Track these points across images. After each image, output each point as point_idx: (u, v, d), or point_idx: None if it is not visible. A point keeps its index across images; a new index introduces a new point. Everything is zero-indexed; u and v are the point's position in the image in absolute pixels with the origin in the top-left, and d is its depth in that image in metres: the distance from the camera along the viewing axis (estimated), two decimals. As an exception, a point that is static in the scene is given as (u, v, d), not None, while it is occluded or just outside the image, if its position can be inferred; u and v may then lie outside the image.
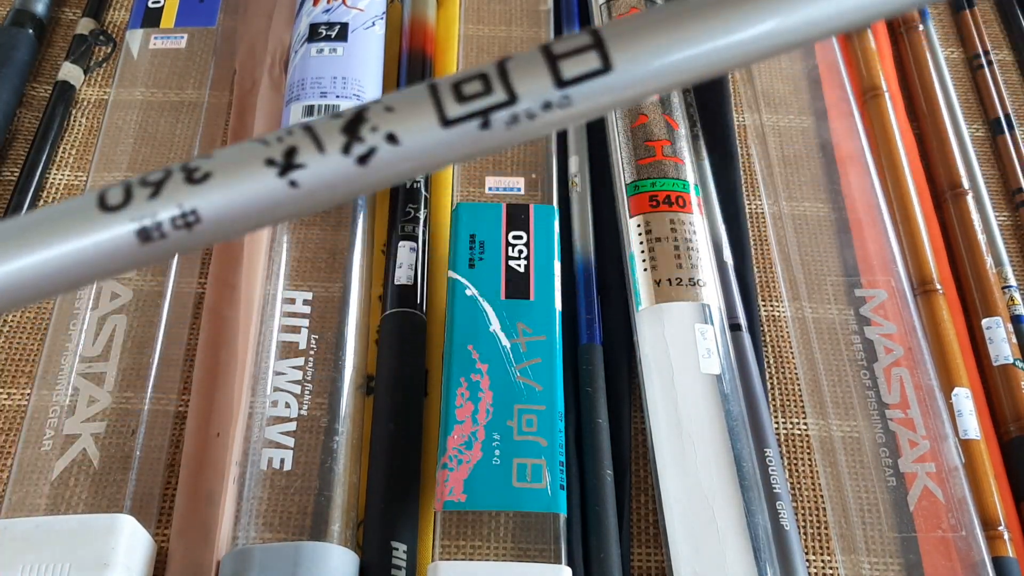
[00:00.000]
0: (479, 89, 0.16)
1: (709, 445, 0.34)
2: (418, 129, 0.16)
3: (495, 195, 0.44)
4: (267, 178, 0.16)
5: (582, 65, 0.16)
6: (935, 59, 0.50)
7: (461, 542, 0.35)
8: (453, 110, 0.16)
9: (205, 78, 0.48)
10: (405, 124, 0.16)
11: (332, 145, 0.16)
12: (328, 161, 0.16)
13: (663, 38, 0.16)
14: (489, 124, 0.16)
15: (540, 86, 0.16)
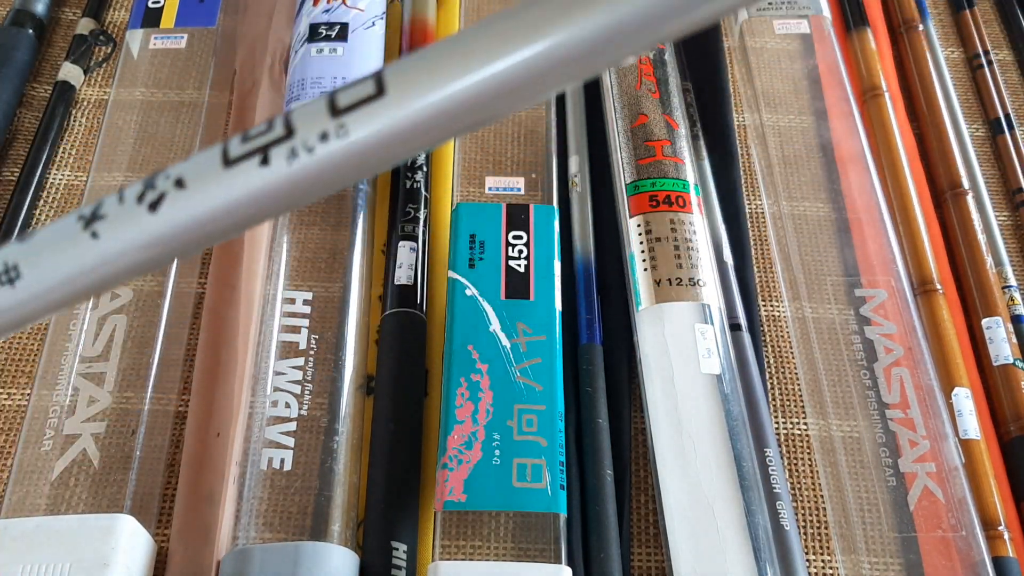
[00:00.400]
0: (261, 130, 0.16)
1: (709, 445, 0.34)
2: (202, 170, 0.16)
3: (495, 195, 0.44)
4: (75, 231, 0.16)
5: (357, 93, 0.16)
6: (935, 59, 0.50)
7: (461, 542, 0.35)
8: (235, 150, 0.16)
9: (205, 78, 0.48)
10: (191, 168, 0.16)
11: (130, 194, 0.16)
12: (123, 211, 0.16)
13: (435, 62, 0.16)
14: (268, 160, 0.16)
15: (316, 117, 0.16)
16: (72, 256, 0.16)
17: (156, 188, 0.16)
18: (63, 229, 0.16)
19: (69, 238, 0.16)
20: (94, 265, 0.16)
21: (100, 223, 0.16)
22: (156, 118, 0.47)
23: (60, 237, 0.16)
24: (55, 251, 0.16)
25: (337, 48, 0.45)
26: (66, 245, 0.16)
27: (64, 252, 0.16)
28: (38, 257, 0.17)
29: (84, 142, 0.47)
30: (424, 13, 0.49)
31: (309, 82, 0.44)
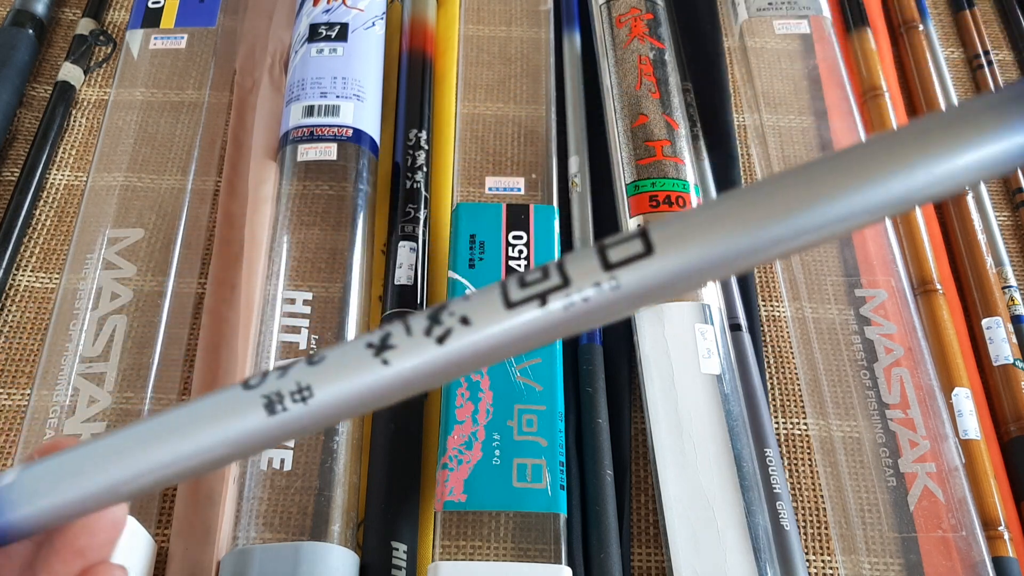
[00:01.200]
0: (538, 277, 0.19)
1: (709, 445, 0.34)
2: (486, 311, 0.19)
3: (495, 195, 0.44)
4: (366, 357, 0.19)
5: (627, 251, 0.18)
6: (935, 59, 0.50)
7: (461, 542, 0.35)
8: (515, 294, 0.19)
9: (205, 78, 0.48)
10: (475, 308, 0.19)
11: (417, 328, 0.19)
12: (413, 342, 0.19)
13: (697, 227, 0.18)
14: (546, 303, 0.18)
15: (590, 270, 0.18)
16: (363, 380, 0.19)
17: (442, 324, 0.19)
18: (354, 355, 0.19)
19: (361, 364, 0.19)
20: (382, 387, 0.19)
21: (390, 352, 0.19)
22: (156, 118, 0.47)
23: (352, 362, 0.19)
24: (348, 375, 0.19)
25: (337, 48, 0.45)
26: (358, 370, 0.19)
27: (356, 377, 0.19)
28: (331, 379, 0.19)
29: (84, 142, 0.47)
30: (424, 13, 0.49)
31: (309, 82, 0.44)
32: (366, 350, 0.19)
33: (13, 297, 0.42)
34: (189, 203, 0.44)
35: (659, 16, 0.47)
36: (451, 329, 0.19)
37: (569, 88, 0.47)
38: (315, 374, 0.19)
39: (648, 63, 0.44)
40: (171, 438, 0.19)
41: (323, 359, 0.19)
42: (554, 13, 0.51)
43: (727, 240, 0.18)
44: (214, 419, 0.19)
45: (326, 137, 0.43)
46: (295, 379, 0.19)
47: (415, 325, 0.19)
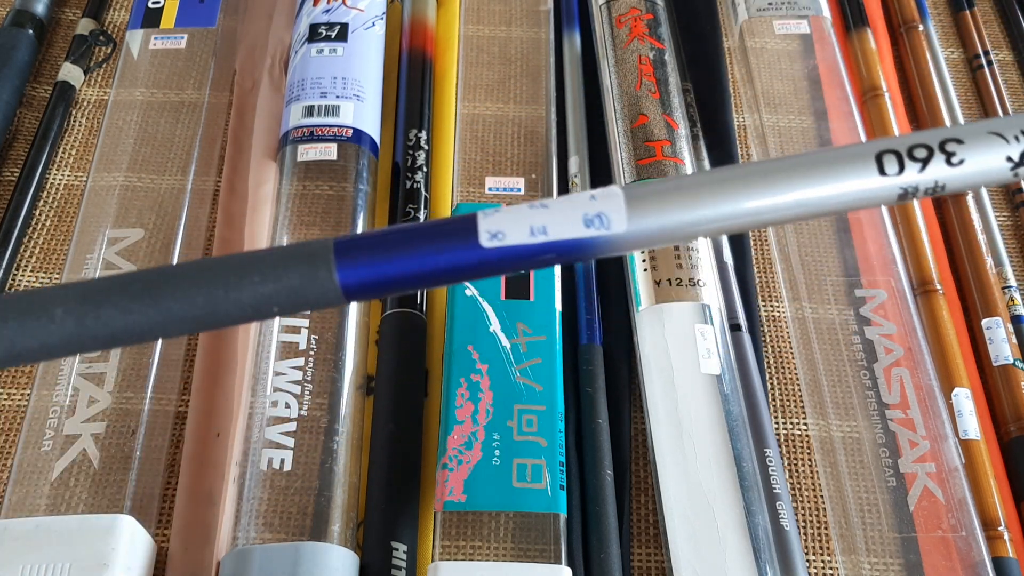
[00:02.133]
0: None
1: (709, 445, 0.34)
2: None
3: (495, 195, 0.44)
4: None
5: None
6: (935, 59, 0.50)
7: (461, 542, 0.35)
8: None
9: (205, 78, 0.48)
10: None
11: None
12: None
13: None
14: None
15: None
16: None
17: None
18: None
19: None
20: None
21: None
22: (156, 118, 0.47)
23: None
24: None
25: (337, 48, 0.45)
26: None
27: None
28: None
29: (84, 142, 0.47)
30: (424, 13, 0.49)
31: (309, 82, 0.44)
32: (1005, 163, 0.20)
33: (13, 297, 0.42)
34: (189, 203, 0.44)
35: (659, 16, 0.47)
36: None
37: (569, 88, 0.47)
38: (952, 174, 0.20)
39: (648, 63, 0.44)
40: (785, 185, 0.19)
41: (963, 160, 0.19)
42: (554, 13, 0.51)
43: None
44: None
45: (326, 137, 0.43)
46: (933, 177, 0.19)
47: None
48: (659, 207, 0.20)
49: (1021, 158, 0.19)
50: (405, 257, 0.19)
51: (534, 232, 0.19)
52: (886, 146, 0.19)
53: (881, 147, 0.19)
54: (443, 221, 0.20)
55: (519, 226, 0.19)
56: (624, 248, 0.20)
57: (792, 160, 0.20)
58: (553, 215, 0.19)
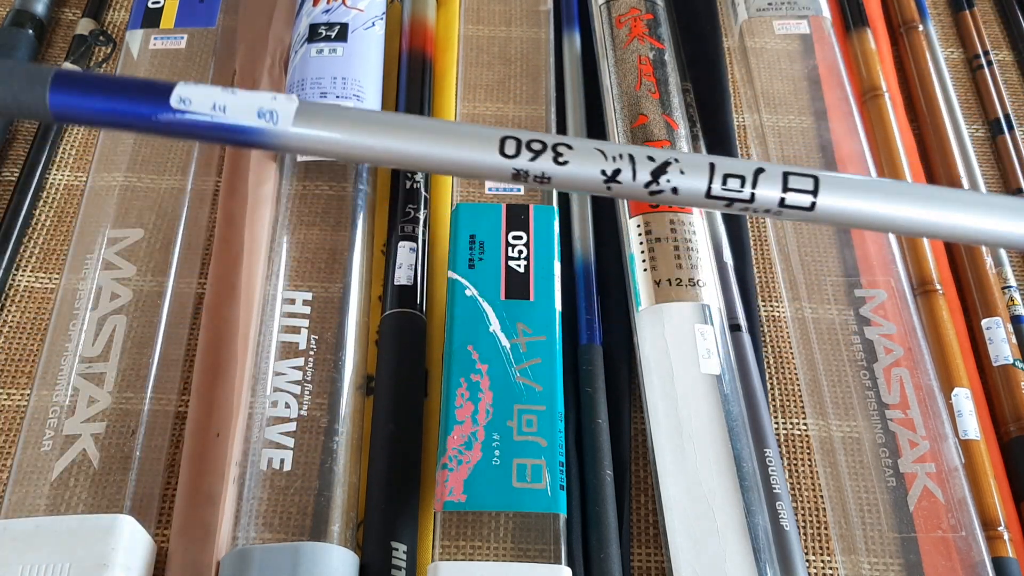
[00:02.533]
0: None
1: (709, 445, 0.34)
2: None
3: (495, 195, 0.44)
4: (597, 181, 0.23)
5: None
6: (935, 59, 0.50)
7: (461, 542, 0.35)
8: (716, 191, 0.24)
9: (205, 79, 0.48)
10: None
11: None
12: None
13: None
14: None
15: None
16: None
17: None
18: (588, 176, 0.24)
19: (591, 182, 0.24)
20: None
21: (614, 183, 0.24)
22: (156, 118, 0.47)
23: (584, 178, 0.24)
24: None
25: (337, 48, 0.45)
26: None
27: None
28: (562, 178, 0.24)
29: (84, 142, 0.47)
30: (424, 13, 0.49)
31: (309, 82, 0.44)
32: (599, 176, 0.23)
33: (13, 297, 0.42)
34: (189, 203, 0.44)
35: (659, 16, 0.47)
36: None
37: (569, 88, 0.47)
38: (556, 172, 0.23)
39: (648, 63, 0.44)
40: (431, 142, 0.23)
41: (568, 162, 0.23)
42: (554, 13, 0.51)
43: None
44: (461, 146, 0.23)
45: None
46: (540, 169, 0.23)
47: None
48: (324, 122, 0.23)
49: (613, 174, 0.23)
50: (107, 99, 0.23)
51: (216, 107, 0.22)
52: (511, 133, 0.23)
53: (505, 134, 0.23)
54: (151, 81, 0.24)
55: (205, 100, 0.22)
56: (284, 147, 0.24)
57: (424, 122, 0.24)
58: (237, 100, 0.23)
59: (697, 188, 0.23)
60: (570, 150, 0.23)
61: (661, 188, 0.23)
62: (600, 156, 0.23)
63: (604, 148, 0.23)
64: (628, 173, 0.23)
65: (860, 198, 0.24)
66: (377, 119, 0.24)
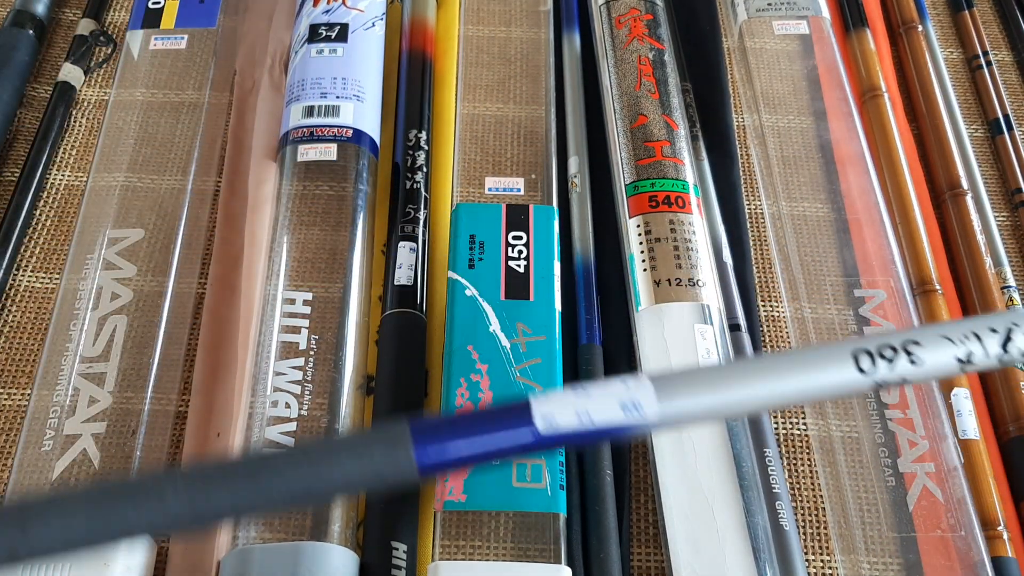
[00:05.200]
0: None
1: (709, 445, 0.34)
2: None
3: (495, 195, 0.44)
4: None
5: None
6: (934, 60, 0.50)
7: (461, 542, 0.35)
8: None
9: (205, 79, 0.48)
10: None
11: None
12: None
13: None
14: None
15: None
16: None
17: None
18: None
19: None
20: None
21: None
22: (156, 119, 0.47)
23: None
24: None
25: (337, 49, 0.45)
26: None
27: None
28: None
29: (84, 142, 0.47)
30: (424, 13, 0.49)
31: (309, 83, 0.44)
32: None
33: (13, 297, 0.42)
34: (189, 203, 0.44)
35: (659, 17, 0.47)
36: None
37: (569, 88, 0.47)
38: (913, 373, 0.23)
39: (648, 64, 0.44)
40: (782, 376, 0.23)
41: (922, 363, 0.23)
42: (554, 13, 0.51)
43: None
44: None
45: (326, 137, 0.43)
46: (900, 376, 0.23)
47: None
48: (683, 394, 0.23)
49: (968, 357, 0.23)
50: (473, 440, 0.22)
51: (579, 416, 0.22)
52: (860, 346, 0.23)
53: (855, 348, 0.23)
54: (502, 410, 0.23)
55: (567, 411, 0.22)
56: (659, 428, 0.24)
57: (791, 356, 0.24)
58: (595, 402, 0.22)
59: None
60: (919, 347, 0.23)
61: (1011, 355, 0.23)
62: (949, 343, 0.23)
63: (949, 333, 0.23)
64: (980, 352, 0.23)
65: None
66: (730, 372, 0.24)
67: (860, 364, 0.23)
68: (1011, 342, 0.23)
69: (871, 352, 0.23)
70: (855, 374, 0.23)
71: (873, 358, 0.23)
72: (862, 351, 0.23)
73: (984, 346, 0.23)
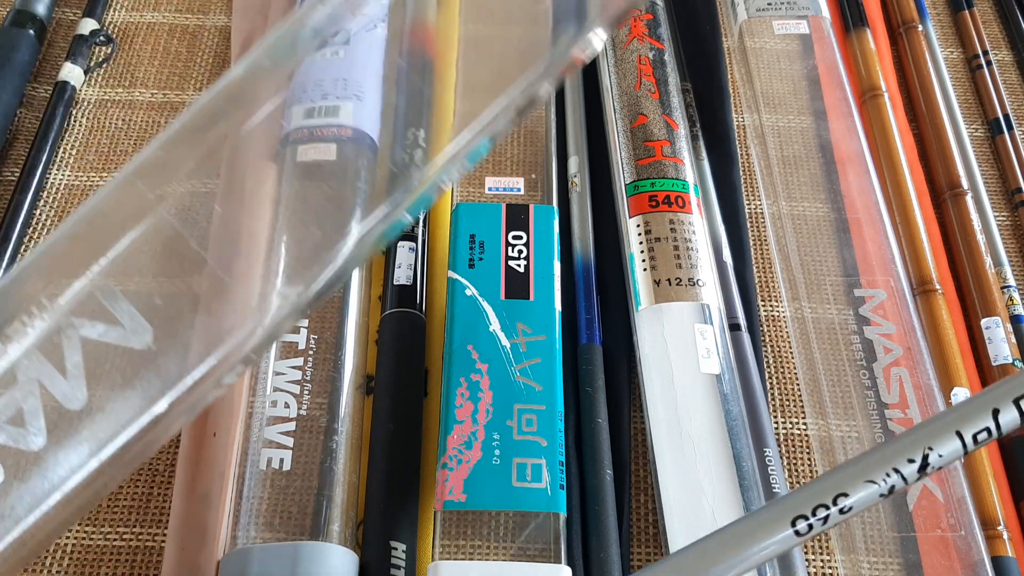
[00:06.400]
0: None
1: (709, 445, 0.34)
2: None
3: (495, 195, 0.44)
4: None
5: None
6: (934, 59, 0.50)
7: (461, 542, 0.35)
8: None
9: (205, 79, 0.48)
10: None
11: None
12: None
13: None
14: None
15: None
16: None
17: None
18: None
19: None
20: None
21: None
22: (156, 118, 0.47)
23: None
24: None
25: (338, 51, 0.45)
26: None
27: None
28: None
29: (84, 142, 0.47)
30: (424, 13, 0.49)
31: (310, 84, 0.44)
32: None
33: (13, 297, 0.42)
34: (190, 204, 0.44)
35: (659, 16, 0.47)
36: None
37: (569, 88, 0.47)
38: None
39: (648, 63, 0.44)
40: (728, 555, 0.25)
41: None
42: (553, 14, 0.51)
43: None
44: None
45: (326, 138, 0.43)
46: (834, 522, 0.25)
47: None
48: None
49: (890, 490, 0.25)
50: None
51: None
52: (797, 513, 0.25)
53: (794, 515, 0.25)
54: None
55: None
56: None
57: (730, 533, 0.25)
58: None
59: (945, 461, 0.25)
60: (847, 498, 0.25)
61: (930, 471, 0.25)
62: (872, 485, 0.25)
63: (871, 474, 0.25)
64: (900, 482, 0.25)
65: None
66: (680, 563, 0.25)
67: (797, 528, 0.25)
68: (928, 465, 0.25)
69: (807, 517, 0.25)
70: (792, 537, 0.25)
71: (809, 523, 0.25)
72: (799, 517, 0.25)
73: (903, 475, 0.25)
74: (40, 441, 0.26)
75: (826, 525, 0.25)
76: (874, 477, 0.25)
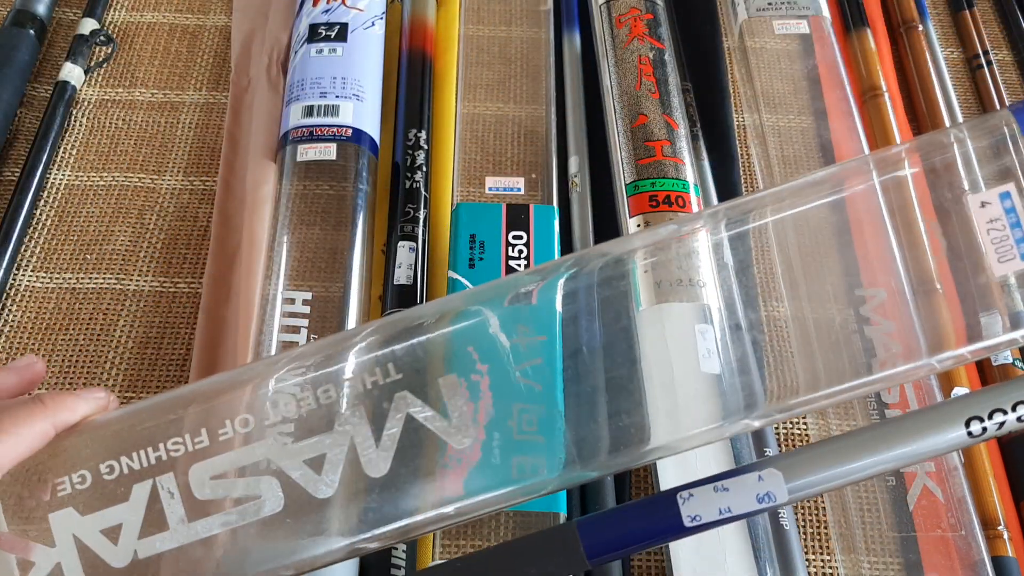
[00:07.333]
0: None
1: (709, 445, 0.34)
2: None
3: (495, 195, 0.44)
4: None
5: None
6: (935, 59, 0.50)
7: (461, 542, 0.35)
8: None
9: (205, 79, 0.48)
10: None
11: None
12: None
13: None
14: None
15: None
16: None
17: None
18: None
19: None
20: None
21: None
22: (156, 118, 0.47)
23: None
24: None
25: (337, 48, 0.45)
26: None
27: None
28: None
29: (84, 142, 0.47)
30: (424, 13, 0.49)
31: (309, 82, 0.44)
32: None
33: (13, 297, 0.42)
34: (189, 203, 0.44)
35: (659, 16, 0.47)
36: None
37: (569, 88, 0.47)
38: None
39: (648, 63, 0.44)
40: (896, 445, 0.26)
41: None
42: (554, 13, 0.51)
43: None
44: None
45: (326, 137, 0.43)
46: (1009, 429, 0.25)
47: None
48: (808, 474, 0.26)
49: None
50: (626, 534, 0.27)
51: (721, 512, 0.26)
52: (974, 413, 0.26)
53: (969, 415, 0.26)
54: (653, 499, 0.28)
55: (710, 508, 0.26)
56: (782, 507, 0.29)
57: (904, 425, 0.27)
58: (736, 497, 0.27)
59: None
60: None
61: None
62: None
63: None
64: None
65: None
66: (851, 446, 0.27)
67: (970, 429, 0.25)
68: None
69: (982, 418, 0.25)
70: (964, 438, 0.25)
71: (983, 420, 0.25)
72: (974, 418, 0.25)
73: None
74: (327, 492, 0.26)
75: (1000, 430, 0.24)
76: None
